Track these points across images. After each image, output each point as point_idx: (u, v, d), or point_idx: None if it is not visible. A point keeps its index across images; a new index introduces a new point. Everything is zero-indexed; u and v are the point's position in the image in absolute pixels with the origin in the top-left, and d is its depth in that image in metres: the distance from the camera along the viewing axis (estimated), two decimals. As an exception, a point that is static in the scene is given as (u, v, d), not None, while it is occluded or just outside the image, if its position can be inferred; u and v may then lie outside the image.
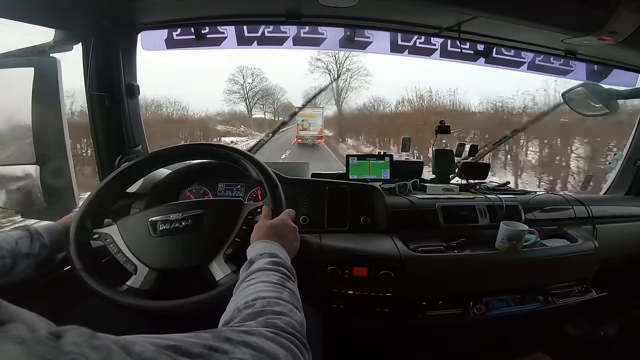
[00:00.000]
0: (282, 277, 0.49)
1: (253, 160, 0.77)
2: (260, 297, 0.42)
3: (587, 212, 1.15)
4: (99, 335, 0.25)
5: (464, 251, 0.97)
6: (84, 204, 0.73)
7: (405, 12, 1.02)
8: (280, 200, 0.72)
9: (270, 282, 0.46)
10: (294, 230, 0.66)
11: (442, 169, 1.33)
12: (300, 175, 1.20)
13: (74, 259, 0.66)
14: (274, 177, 0.75)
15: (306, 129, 15.21)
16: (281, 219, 0.66)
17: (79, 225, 0.70)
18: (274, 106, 28.87)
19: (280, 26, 1.21)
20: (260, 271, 0.49)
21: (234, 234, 0.68)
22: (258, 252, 0.54)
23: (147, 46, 1.17)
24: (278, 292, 0.44)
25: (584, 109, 1.25)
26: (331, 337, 0.81)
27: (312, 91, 24.45)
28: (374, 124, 18.63)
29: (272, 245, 0.58)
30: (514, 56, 1.31)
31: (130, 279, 0.66)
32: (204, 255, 0.67)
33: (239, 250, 0.66)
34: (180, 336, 0.31)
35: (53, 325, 0.26)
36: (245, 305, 0.41)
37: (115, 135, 1.09)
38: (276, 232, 0.62)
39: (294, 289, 0.48)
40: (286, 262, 0.54)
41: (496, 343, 1.15)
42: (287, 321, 0.39)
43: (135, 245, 0.68)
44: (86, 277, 0.64)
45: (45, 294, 0.75)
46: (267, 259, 0.52)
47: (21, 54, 0.87)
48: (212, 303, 0.60)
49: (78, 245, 0.67)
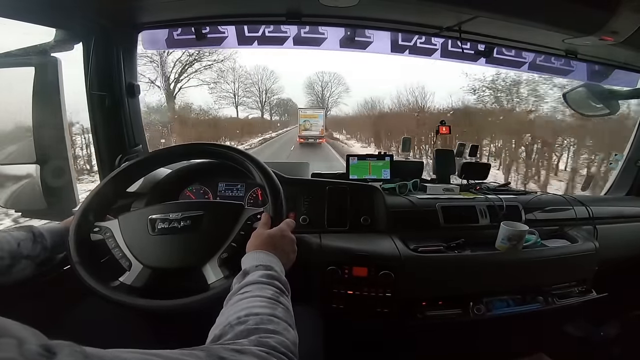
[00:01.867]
0: (276, 292, 0.48)
1: (256, 162, 0.76)
2: (254, 313, 0.41)
3: (587, 213, 1.14)
4: (91, 353, 0.24)
5: (464, 251, 0.96)
6: (84, 201, 0.74)
7: (406, 11, 1.02)
8: (281, 208, 0.71)
9: (264, 297, 0.45)
10: (292, 242, 0.65)
11: (443, 169, 1.33)
12: (300, 175, 1.20)
13: (72, 252, 0.66)
14: (277, 183, 0.74)
15: (308, 129, 15.97)
16: (280, 230, 0.65)
17: (82, 217, 0.70)
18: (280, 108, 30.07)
19: (281, 26, 1.21)
20: (254, 284, 0.48)
21: (231, 239, 0.68)
22: (253, 264, 0.53)
23: (148, 46, 1.17)
24: (272, 308, 0.44)
25: (584, 109, 1.25)
26: (331, 337, 0.80)
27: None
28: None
29: (268, 256, 0.57)
30: (515, 56, 1.31)
31: (123, 275, 0.66)
32: (198, 257, 0.67)
33: (234, 256, 0.65)
34: (174, 354, 0.30)
35: (44, 338, 0.25)
36: (237, 320, 0.40)
37: (116, 134, 1.09)
38: (273, 243, 0.61)
39: (287, 305, 0.47)
40: (281, 276, 0.53)
41: (496, 343, 1.15)
42: (280, 340, 0.38)
43: (133, 241, 0.68)
44: (81, 270, 0.64)
45: (45, 293, 0.75)
46: (261, 271, 0.51)
47: (22, 54, 0.87)
48: (201, 306, 0.60)
49: (78, 237, 0.68)
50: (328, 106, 28.57)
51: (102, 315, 0.70)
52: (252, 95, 26.12)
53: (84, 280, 0.63)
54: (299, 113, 17.54)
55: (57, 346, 0.23)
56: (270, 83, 27.44)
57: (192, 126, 15.15)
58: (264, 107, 27.33)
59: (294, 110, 28.99)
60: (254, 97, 26.28)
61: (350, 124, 28.09)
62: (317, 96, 29.97)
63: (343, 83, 31.01)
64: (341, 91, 30.82)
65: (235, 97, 23.55)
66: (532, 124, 8.11)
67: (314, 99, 30.49)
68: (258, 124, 25.98)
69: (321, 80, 30.58)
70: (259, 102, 26.59)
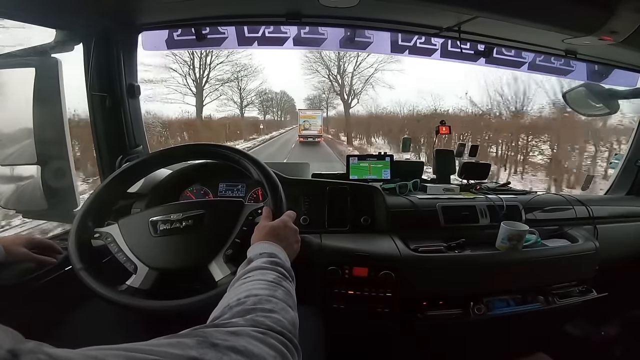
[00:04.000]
0: (278, 276, 0.48)
1: (254, 160, 0.77)
2: (253, 294, 0.41)
3: (588, 212, 1.14)
4: (59, 355, 0.23)
5: (465, 251, 0.96)
6: (85, 203, 0.74)
7: (406, 12, 1.02)
8: (281, 201, 0.72)
9: (265, 280, 0.46)
10: (295, 232, 0.66)
11: (443, 169, 1.33)
12: (300, 175, 1.20)
13: (74, 259, 0.66)
14: (275, 178, 0.75)
15: (307, 128, 16.68)
16: (282, 221, 0.65)
17: (81, 224, 0.70)
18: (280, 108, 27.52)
19: (281, 26, 1.21)
20: (257, 270, 0.49)
21: (234, 235, 0.68)
22: (257, 252, 0.54)
23: (148, 46, 1.17)
24: (272, 289, 0.44)
25: (584, 108, 1.25)
26: (332, 337, 0.80)
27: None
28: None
29: (272, 246, 0.57)
30: (515, 56, 1.31)
31: (130, 278, 0.66)
32: (203, 255, 0.67)
33: (239, 251, 0.66)
34: (160, 345, 0.28)
35: (20, 339, 0.24)
36: (237, 302, 0.40)
37: (116, 135, 1.09)
38: (277, 233, 0.61)
39: (289, 288, 0.47)
40: (285, 263, 0.54)
41: (496, 343, 1.15)
42: (277, 319, 0.37)
43: (136, 244, 0.68)
44: (86, 276, 0.64)
45: (45, 294, 0.75)
46: (265, 258, 0.52)
47: (22, 55, 0.88)
48: (210, 304, 0.60)
49: (79, 244, 0.67)
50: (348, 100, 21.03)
51: (102, 316, 0.71)
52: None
53: (91, 286, 0.63)
54: (299, 114, 18.02)
55: (22, 350, 0.23)
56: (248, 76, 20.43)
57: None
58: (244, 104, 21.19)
59: (291, 107, 27.96)
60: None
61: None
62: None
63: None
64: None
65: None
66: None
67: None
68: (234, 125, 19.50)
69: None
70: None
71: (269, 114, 26.33)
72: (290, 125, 28.55)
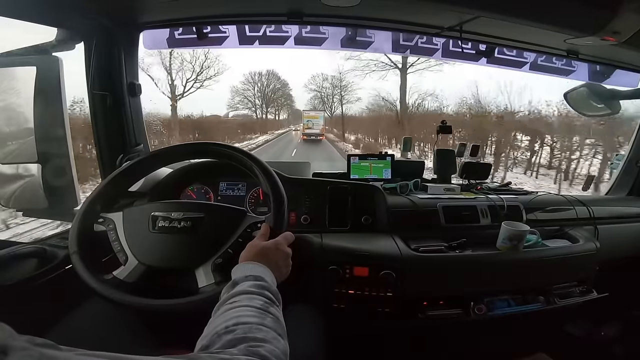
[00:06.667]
0: (265, 302, 0.47)
1: (263, 167, 0.75)
2: (242, 322, 0.40)
3: (588, 213, 1.14)
4: (51, 355, 0.23)
5: (465, 251, 0.96)
6: (97, 187, 0.75)
7: (407, 11, 1.02)
8: (282, 220, 0.70)
9: (253, 307, 0.45)
10: (287, 256, 0.64)
11: (444, 169, 1.33)
12: (301, 174, 1.20)
13: (71, 241, 0.66)
14: (282, 192, 0.73)
15: (310, 127, 18.47)
16: (276, 243, 0.64)
17: (89, 206, 0.71)
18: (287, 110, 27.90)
19: (282, 26, 1.21)
20: (243, 294, 0.47)
21: (228, 245, 0.68)
22: (243, 274, 0.53)
23: (149, 45, 1.17)
24: (261, 317, 0.43)
25: (585, 109, 1.25)
26: (332, 337, 0.80)
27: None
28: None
29: (259, 267, 0.56)
30: (516, 56, 1.31)
31: (117, 269, 0.66)
32: (193, 259, 0.67)
33: (228, 262, 0.65)
34: None
35: (12, 334, 0.24)
36: (225, 330, 0.39)
37: (117, 134, 1.09)
38: (266, 255, 0.60)
39: (277, 315, 0.46)
40: (271, 286, 0.52)
41: (497, 343, 1.15)
42: (270, 349, 0.37)
43: (132, 236, 0.69)
44: (77, 261, 0.65)
45: (45, 293, 0.75)
46: (251, 281, 0.51)
47: (23, 53, 0.88)
48: (187, 310, 0.60)
49: (81, 227, 0.68)
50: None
51: (102, 315, 0.71)
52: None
53: (78, 272, 0.64)
54: (303, 114, 19.68)
55: (11, 347, 0.23)
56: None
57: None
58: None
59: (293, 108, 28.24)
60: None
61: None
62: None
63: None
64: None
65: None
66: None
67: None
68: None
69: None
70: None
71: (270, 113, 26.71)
72: (287, 127, 28.04)
